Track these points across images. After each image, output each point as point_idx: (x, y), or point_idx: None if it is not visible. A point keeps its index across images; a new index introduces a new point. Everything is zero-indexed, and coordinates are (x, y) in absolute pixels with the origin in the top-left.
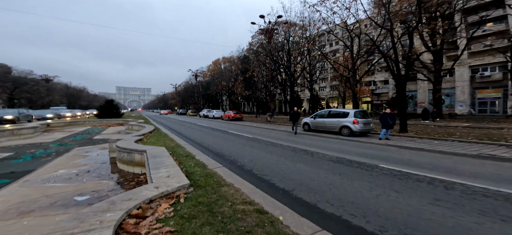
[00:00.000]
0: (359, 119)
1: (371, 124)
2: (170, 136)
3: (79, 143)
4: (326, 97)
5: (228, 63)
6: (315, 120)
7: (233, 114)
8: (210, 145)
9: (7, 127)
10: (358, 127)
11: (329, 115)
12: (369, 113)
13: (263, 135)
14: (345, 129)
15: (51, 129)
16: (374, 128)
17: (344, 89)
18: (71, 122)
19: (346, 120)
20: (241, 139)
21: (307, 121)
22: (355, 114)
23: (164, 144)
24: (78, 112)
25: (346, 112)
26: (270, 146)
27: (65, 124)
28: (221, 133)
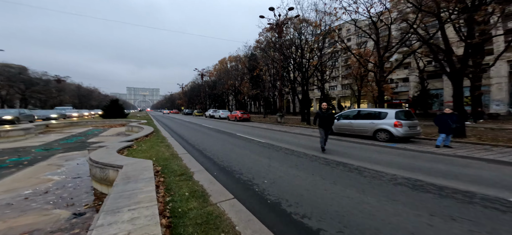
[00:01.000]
0: (402, 121)
1: (417, 126)
2: (168, 141)
3: (67, 147)
4: (337, 96)
5: (234, 62)
6: (339, 121)
7: (240, 114)
8: (216, 153)
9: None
10: (402, 130)
11: (358, 116)
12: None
13: (277, 138)
14: (382, 133)
15: (49, 130)
16: (421, 132)
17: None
18: (73, 122)
19: (384, 122)
20: (253, 144)
21: None
22: (397, 115)
23: (156, 153)
24: (86, 112)
25: (382, 113)
26: (292, 156)
27: (66, 124)
28: (228, 137)
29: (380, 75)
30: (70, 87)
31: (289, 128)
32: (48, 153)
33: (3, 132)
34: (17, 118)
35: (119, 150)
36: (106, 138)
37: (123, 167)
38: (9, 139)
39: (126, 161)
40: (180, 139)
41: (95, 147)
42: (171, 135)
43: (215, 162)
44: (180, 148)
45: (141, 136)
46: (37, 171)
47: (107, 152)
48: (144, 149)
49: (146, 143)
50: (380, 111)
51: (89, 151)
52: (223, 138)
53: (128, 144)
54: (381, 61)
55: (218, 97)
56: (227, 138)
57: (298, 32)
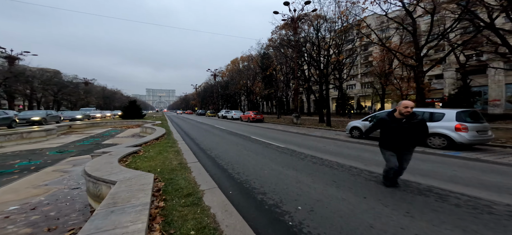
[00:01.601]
0: (468, 124)
1: (488, 131)
2: (178, 145)
3: (81, 149)
4: (356, 95)
5: (246, 62)
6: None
7: (254, 115)
8: (230, 162)
9: (19, 129)
10: (468, 136)
11: None
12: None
13: (297, 143)
14: (437, 138)
15: (71, 131)
16: (493, 137)
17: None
18: (94, 123)
19: (440, 126)
20: (271, 150)
21: (357, 125)
22: (459, 117)
23: (162, 162)
24: (108, 113)
25: (436, 114)
26: (323, 167)
27: (88, 125)
28: (242, 140)
29: (419, 70)
30: (96, 89)
31: (307, 130)
32: (60, 155)
33: (26, 133)
34: (44, 119)
35: (122, 158)
36: (120, 140)
37: (116, 184)
38: (31, 140)
39: (123, 174)
40: (191, 142)
41: (99, 153)
42: (183, 138)
43: (229, 174)
44: (190, 154)
45: (151, 139)
46: (38, 179)
47: (107, 160)
48: (150, 156)
49: (154, 148)
50: (433, 112)
51: (93, 156)
52: (237, 142)
53: (135, 150)
54: (419, 55)
55: (230, 97)
56: (242, 142)
57: (315, 28)
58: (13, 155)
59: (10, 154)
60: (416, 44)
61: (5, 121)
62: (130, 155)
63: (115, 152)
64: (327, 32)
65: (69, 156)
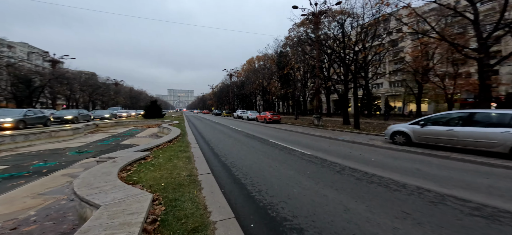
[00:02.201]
0: None
1: None
2: (191, 150)
3: (99, 150)
4: (383, 95)
5: (262, 61)
6: (427, 128)
7: (270, 115)
8: (249, 174)
9: (49, 128)
10: None
11: (468, 121)
12: None
13: (326, 149)
14: None
15: (98, 130)
16: None
17: (421, 83)
18: (119, 122)
19: None
20: (296, 158)
21: (402, 130)
22: None
23: (169, 173)
24: (133, 112)
25: None
26: (374, 185)
27: (113, 124)
28: (261, 144)
29: (485, 64)
30: (125, 90)
31: (331, 133)
32: (78, 156)
33: (55, 132)
34: (76, 118)
35: (125, 166)
36: (138, 140)
37: (99, 209)
38: (59, 139)
39: (115, 193)
40: (205, 146)
41: (105, 158)
42: (197, 140)
43: (249, 192)
44: (202, 161)
45: (164, 141)
46: (42, 185)
47: (106, 170)
48: (158, 164)
49: (165, 153)
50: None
51: (98, 162)
52: (255, 146)
53: (143, 155)
54: (484, 46)
55: (245, 97)
56: (260, 146)
57: (339, 22)
58: (36, 155)
59: (34, 153)
60: (479, 33)
61: (41, 119)
62: (137, 161)
63: (121, 157)
64: (352, 26)
65: (85, 157)
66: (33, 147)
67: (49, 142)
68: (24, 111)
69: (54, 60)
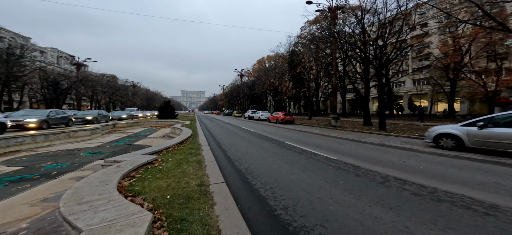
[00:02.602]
0: None
1: None
2: (202, 153)
3: (112, 151)
4: (406, 94)
5: (273, 61)
6: (488, 131)
7: (283, 116)
8: (269, 183)
9: (69, 128)
10: None
11: None
12: None
13: (354, 153)
14: None
15: (115, 130)
16: None
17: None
18: (134, 123)
19: None
20: (321, 163)
21: (452, 132)
22: None
23: (177, 181)
24: (148, 113)
25: None
26: (442, 204)
27: (129, 125)
28: (277, 147)
29: None
30: (141, 91)
31: (354, 135)
32: (91, 157)
33: (73, 132)
34: (96, 118)
35: (129, 172)
36: (151, 141)
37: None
38: (77, 139)
39: (106, 211)
40: (217, 148)
41: (110, 162)
42: (208, 142)
43: (273, 210)
44: (214, 167)
45: (174, 143)
46: (46, 190)
47: (106, 178)
48: (166, 169)
49: (175, 156)
50: None
51: (103, 166)
52: (271, 149)
53: (150, 159)
54: None
55: (256, 97)
56: (276, 149)
57: (358, 17)
58: (51, 156)
59: (51, 153)
60: None
61: (63, 119)
62: (143, 166)
63: (126, 162)
64: (372, 22)
65: (97, 158)
66: (52, 147)
67: (68, 141)
68: (48, 112)
69: (78, 63)
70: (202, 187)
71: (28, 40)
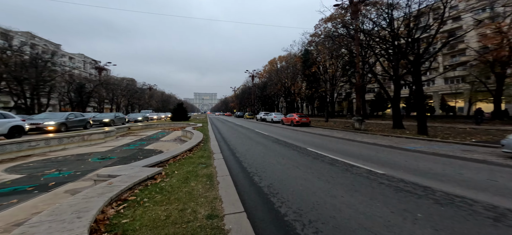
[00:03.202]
0: None
1: None
2: (214, 163)
3: (121, 157)
4: (435, 94)
5: (284, 62)
6: None
7: (298, 118)
8: (306, 214)
9: (83, 131)
10: None
11: None
12: None
13: (405, 166)
14: None
15: (129, 133)
16: None
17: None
18: (148, 125)
19: None
20: (365, 180)
21: None
22: None
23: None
24: (162, 115)
25: None
26: None
27: (143, 127)
28: (299, 155)
29: None
30: (157, 94)
31: (387, 139)
32: (99, 163)
33: (87, 135)
34: (113, 121)
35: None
36: (162, 145)
37: None
38: (91, 142)
39: None
40: (231, 157)
41: (104, 176)
42: (220, 148)
43: None
44: (229, 187)
45: (183, 150)
46: (33, 207)
47: (86, 204)
48: (169, 188)
49: (182, 167)
50: None
51: (96, 181)
52: (294, 158)
53: (152, 173)
54: None
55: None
56: (301, 159)
57: (384, 11)
58: (60, 161)
59: (60, 158)
60: None
61: (81, 122)
62: (143, 182)
63: (122, 178)
64: (407, 10)
65: (103, 165)
66: (65, 151)
67: (82, 145)
68: (67, 115)
69: (100, 67)
70: (214, 221)
71: (59, 47)
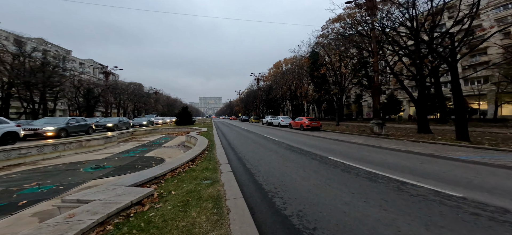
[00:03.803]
0: None
1: None
2: (221, 179)
3: (118, 165)
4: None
5: (290, 64)
6: None
7: (308, 122)
8: None
9: (82, 137)
10: None
11: None
12: None
13: (474, 184)
14: None
15: (132, 138)
16: None
17: None
18: (152, 130)
19: None
20: (430, 203)
21: None
22: None
23: None
24: (167, 119)
25: None
26: None
27: (146, 132)
28: (322, 165)
29: None
30: (163, 98)
31: (420, 147)
32: (91, 173)
33: (85, 141)
34: (117, 125)
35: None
36: (164, 151)
37: None
38: (90, 148)
39: None
40: (241, 168)
41: (71, 201)
42: (228, 156)
43: None
44: (244, 215)
45: (184, 162)
46: None
47: None
48: (159, 221)
49: (181, 186)
50: None
51: (60, 209)
52: (317, 169)
53: (138, 197)
54: None
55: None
56: (325, 170)
57: (404, 6)
58: (48, 171)
59: (50, 168)
60: None
61: (83, 127)
62: (124, 210)
63: (93, 206)
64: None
65: (93, 177)
66: (60, 158)
67: (79, 151)
68: (67, 120)
69: (106, 72)
70: None
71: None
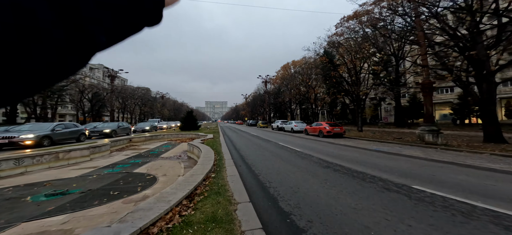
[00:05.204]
0: None
1: None
2: None
3: (85, 191)
4: None
5: (299, 67)
6: None
7: (329, 127)
8: None
9: (56, 148)
10: None
11: None
12: None
13: None
14: None
15: (129, 146)
16: None
17: None
18: (153, 136)
19: None
20: None
21: None
22: None
23: None
24: (172, 123)
25: None
26: None
27: (146, 139)
28: (396, 195)
29: None
30: (169, 102)
31: (509, 162)
32: (36, 206)
33: (64, 153)
34: (115, 131)
35: None
36: (161, 164)
37: None
38: (70, 161)
39: None
40: (274, 214)
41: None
42: (246, 186)
43: None
44: None
45: (176, 201)
46: None
47: None
48: None
49: None
50: None
51: None
52: (405, 210)
53: None
54: None
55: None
56: (415, 211)
57: None
58: None
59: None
60: None
61: (73, 134)
62: None
63: None
64: None
65: (40, 211)
66: (23, 176)
67: (53, 166)
68: (53, 126)
69: (112, 75)
70: None
71: None
